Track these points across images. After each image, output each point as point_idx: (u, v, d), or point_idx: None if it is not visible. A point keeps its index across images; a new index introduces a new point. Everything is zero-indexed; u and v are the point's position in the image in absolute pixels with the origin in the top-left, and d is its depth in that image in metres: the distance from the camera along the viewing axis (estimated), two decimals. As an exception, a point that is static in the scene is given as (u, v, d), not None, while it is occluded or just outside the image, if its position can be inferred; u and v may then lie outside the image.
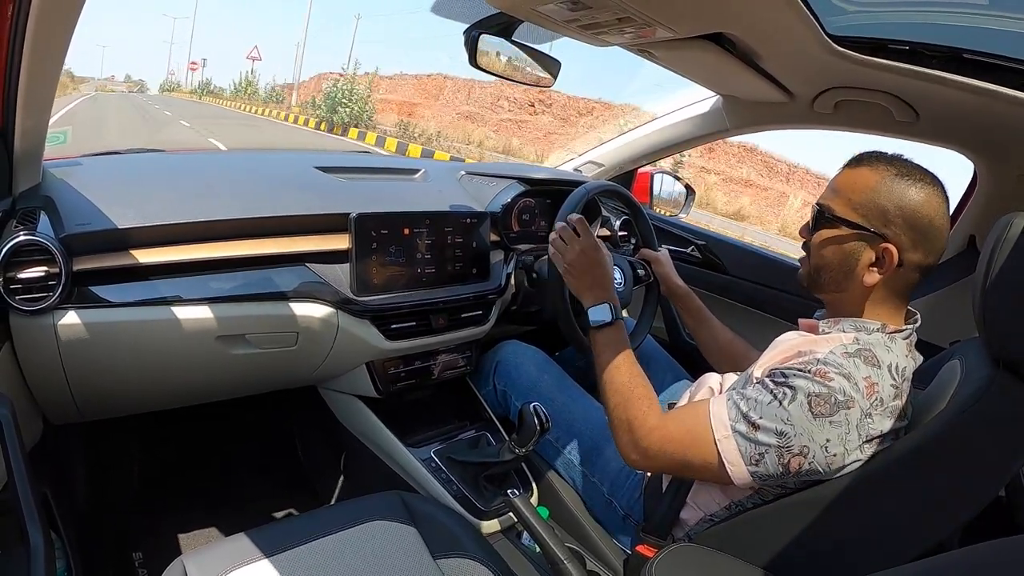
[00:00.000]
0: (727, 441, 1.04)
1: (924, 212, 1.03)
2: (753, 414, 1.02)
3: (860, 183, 1.07)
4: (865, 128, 1.64)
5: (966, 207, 1.69)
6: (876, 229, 1.05)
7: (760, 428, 1.01)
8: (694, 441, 1.08)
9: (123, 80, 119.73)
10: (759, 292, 2.05)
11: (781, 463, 1.00)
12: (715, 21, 1.16)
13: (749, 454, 1.02)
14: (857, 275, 1.08)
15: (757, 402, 1.03)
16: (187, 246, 1.27)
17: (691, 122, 2.07)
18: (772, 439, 1.00)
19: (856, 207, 1.07)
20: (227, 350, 1.34)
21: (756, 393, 1.04)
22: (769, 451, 1.01)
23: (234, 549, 1.03)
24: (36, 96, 1.06)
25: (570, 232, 1.39)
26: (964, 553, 0.66)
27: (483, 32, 1.40)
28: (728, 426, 1.04)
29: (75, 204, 1.22)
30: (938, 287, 1.61)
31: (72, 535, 1.26)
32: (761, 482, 1.05)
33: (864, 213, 1.06)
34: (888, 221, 1.04)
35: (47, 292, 1.10)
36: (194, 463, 1.97)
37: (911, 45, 1.21)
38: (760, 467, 1.02)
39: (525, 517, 1.12)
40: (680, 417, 1.14)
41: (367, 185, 1.71)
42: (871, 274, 1.06)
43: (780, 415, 1.00)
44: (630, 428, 1.16)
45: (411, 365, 1.65)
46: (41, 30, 0.93)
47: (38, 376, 1.19)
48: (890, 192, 1.04)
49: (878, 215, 1.05)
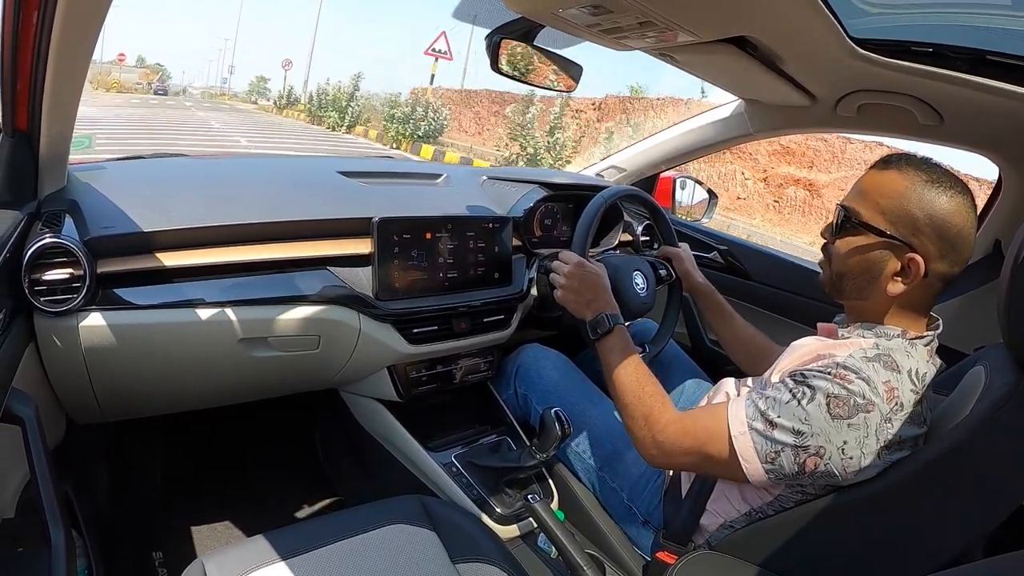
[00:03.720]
0: (743, 438, 1.03)
1: (954, 222, 1.00)
2: (771, 412, 1.01)
3: (889, 188, 1.05)
4: (889, 132, 1.62)
5: (992, 211, 1.67)
6: (904, 238, 1.02)
7: (777, 426, 1.00)
8: (710, 437, 1.07)
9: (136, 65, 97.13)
10: (782, 297, 2.04)
11: (797, 462, 1.00)
12: (737, 24, 1.15)
13: (765, 451, 1.01)
14: (880, 284, 1.06)
15: (776, 401, 1.02)
16: (210, 249, 1.28)
17: (713, 126, 2.06)
18: (789, 437, 0.99)
19: (884, 213, 1.04)
20: (249, 353, 1.35)
21: (775, 392, 1.04)
22: (785, 449, 1.00)
23: (254, 550, 1.03)
24: (61, 101, 1.08)
25: (566, 256, 1.45)
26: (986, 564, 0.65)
27: (505, 37, 1.41)
28: (745, 423, 1.04)
29: (100, 207, 1.24)
30: (963, 291, 1.59)
31: (93, 534, 1.27)
32: (776, 481, 1.04)
33: (892, 220, 1.04)
34: (917, 230, 1.01)
35: (71, 294, 1.12)
36: (215, 464, 1.99)
37: (934, 47, 1.20)
38: (775, 465, 1.01)
39: (546, 523, 1.12)
40: (697, 414, 1.15)
41: (390, 190, 1.72)
42: (895, 284, 1.04)
43: (798, 414, 0.99)
44: (647, 423, 1.17)
45: (433, 369, 1.66)
46: (66, 37, 0.95)
47: (62, 377, 1.21)
48: (920, 199, 1.01)
49: (907, 223, 1.02)
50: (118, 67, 62.26)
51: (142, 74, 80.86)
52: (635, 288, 1.63)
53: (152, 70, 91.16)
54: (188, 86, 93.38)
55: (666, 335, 1.74)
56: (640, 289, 1.64)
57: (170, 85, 73.40)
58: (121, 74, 60.21)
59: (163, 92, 58.30)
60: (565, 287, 1.42)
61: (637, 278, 1.64)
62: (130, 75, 68.88)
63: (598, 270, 1.42)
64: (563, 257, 1.45)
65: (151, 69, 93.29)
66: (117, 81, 52.04)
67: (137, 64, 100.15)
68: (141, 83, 64.91)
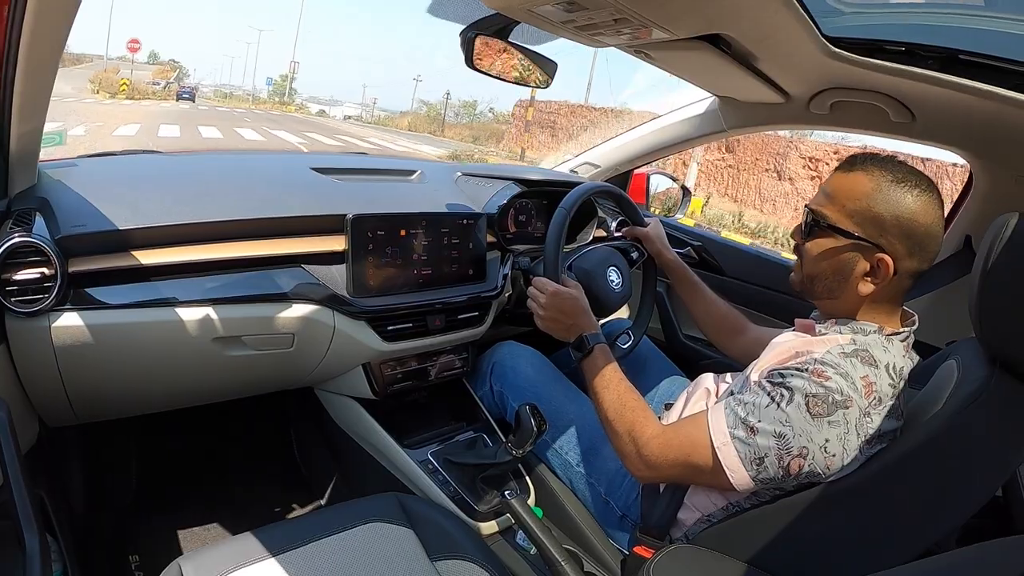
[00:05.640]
0: (726, 448, 1.04)
1: (921, 220, 1.02)
2: (751, 418, 1.02)
3: (855, 189, 1.06)
4: (861, 129, 1.64)
5: (962, 207, 1.69)
6: (872, 239, 1.04)
7: (759, 432, 1.01)
8: (694, 448, 1.08)
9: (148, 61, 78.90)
10: (756, 293, 2.05)
11: (781, 466, 1.00)
12: (712, 22, 1.16)
13: (749, 459, 1.02)
14: (851, 284, 1.08)
15: (755, 406, 1.03)
16: (183, 247, 1.27)
17: (687, 123, 2.08)
18: (771, 442, 1.00)
19: (851, 215, 1.06)
20: (223, 352, 1.33)
21: (753, 397, 1.05)
22: (769, 454, 1.01)
23: (231, 551, 1.03)
24: (32, 99, 1.05)
25: (540, 285, 1.44)
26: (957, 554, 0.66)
27: (480, 33, 1.40)
28: (727, 433, 1.04)
29: (71, 205, 1.22)
30: (935, 287, 1.61)
31: (69, 538, 1.25)
32: (762, 486, 1.05)
33: (859, 222, 1.05)
34: (884, 231, 1.03)
35: (43, 294, 1.10)
36: (190, 465, 1.97)
37: (907, 46, 1.21)
38: (761, 471, 1.02)
39: (522, 518, 1.12)
40: (679, 426, 1.15)
41: (363, 186, 1.71)
42: (866, 284, 1.06)
43: (778, 417, 1.00)
44: (631, 439, 1.17)
45: (408, 367, 1.65)
46: (36, 34, 0.93)
47: (34, 378, 1.19)
48: (886, 200, 1.03)
49: (874, 224, 1.04)
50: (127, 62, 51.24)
51: (157, 71, 65.99)
52: (610, 285, 1.64)
53: (167, 67, 76.46)
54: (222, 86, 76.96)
55: (645, 318, 1.76)
56: (616, 284, 1.65)
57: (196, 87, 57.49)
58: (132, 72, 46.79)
59: (189, 97, 44.40)
60: (544, 317, 1.42)
61: (611, 274, 1.65)
62: (141, 73, 53.35)
63: (573, 292, 1.42)
64: (538, 285, 1.45)
65: (166, 66, 78.14)
66: (127, 82, 37.96)
67: (149, 60, 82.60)
68: (157, 83, 52.22)
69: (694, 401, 1.32)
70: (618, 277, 1.67)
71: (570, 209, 1.55)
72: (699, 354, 2.12)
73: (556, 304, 1.40)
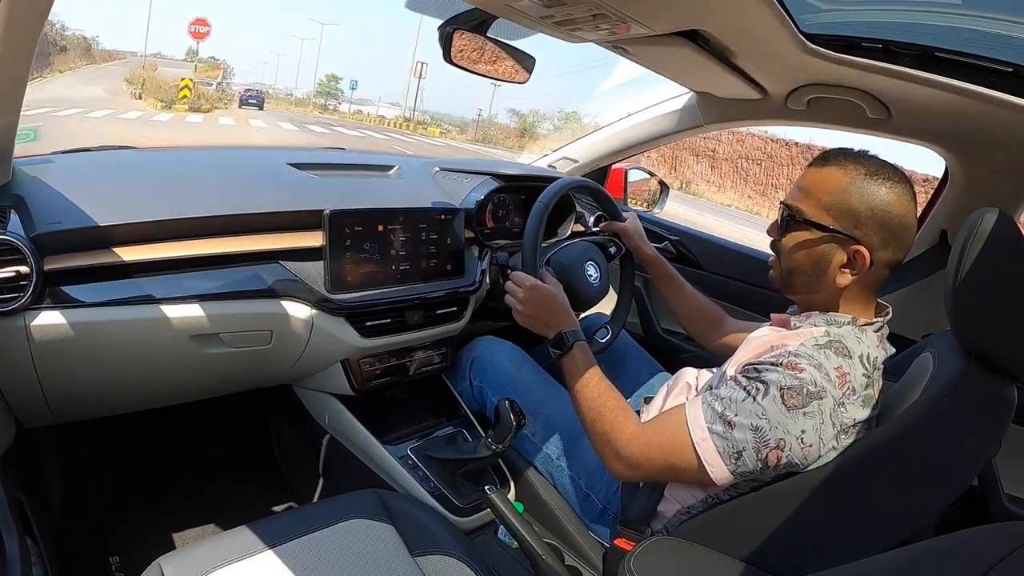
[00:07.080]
0: (705, 443, 1.05)
1: (895, 211, 1.04)
2: (728, 412, 1.03)
3: (829, 184, 1.08)
4: (838, 124, 1.65)
5: (938, 202, 1.71)
6: (847, 231, 1.06)
7: (736, 426, 1.02)
8: (673, 446, 1.09)
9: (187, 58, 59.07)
10: (733, 287, 2.07)
11: (759, 458, 1.01)
12: (690, 18, 1.16)
13: (728, 453, 1.03)
14: (829, 277, 1.09)
15: (731, 400, 1.04)
16: (160, 244, 1.26)
17: (665, 118, 2.09)
18: (748, 435, 1.01)
19: (826, 209, 1.08)
20: (201, 349, 1.32)
21: (730, 391, 1.06)
22: (747, 447, 1.01)
23: (211, 551, 1.02)
24: (4, 96, 1.04)
25: (519, 280, 1.44)
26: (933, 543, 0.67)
27: (458, 28, 1.40)
28: (705, 428, 1.05)
29: (46, 202, 1.20)
30: (910, 282, 1.63)
31: (48, 541, 1.24)
32: (741, 479, 1.06)
33: (835, 215, 1.07)
34: (859, 223, 1.05)
35: (18, 293, 1.08)
36: (170, 465, 1.95)
37: (884, 43, 1.22)
38: (739, 465, 1.03)
39: (503, 513, 1.12)
40: (657, 424, 1.16)
41: (341, 182, 1.70)
42: (843, 275, 1.08)
43: (755, 410, 1.01)
44: (608, 440, 1.18)
45: (387, 362, 1.65)
46: (9, 25, 0.91)
47: (10, 379, 1.17)
48: (860, 193, 1.05)
49: (849, 216, 1.06)
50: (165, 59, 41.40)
51: (201, 69, 51.89)
52: (588, 280, 1.65)
53: (210, 65, 62.05)
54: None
55: (624, 312, 1.76)
56: (593, 279, 1.66)
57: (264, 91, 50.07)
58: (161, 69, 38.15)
59: (256, 103, 38.73)
60: (522, 312, 1.42)
61: (589, 268, 1.67)
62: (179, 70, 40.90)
63: (552, 288, 1.42)
64: (516, 280, 1.45)
65: (208, 64, 62.89)
66: (188, 82, 29.85)
67: (187, 58, 62.49)
68: (209, 83, 43.25)
69: (674, 396, 1.33)
70: (596, 272, 1.68)
71: (548, 204, 1.55)
72: (677, 348, 2.13)
73: (534, 299, 1.40)
